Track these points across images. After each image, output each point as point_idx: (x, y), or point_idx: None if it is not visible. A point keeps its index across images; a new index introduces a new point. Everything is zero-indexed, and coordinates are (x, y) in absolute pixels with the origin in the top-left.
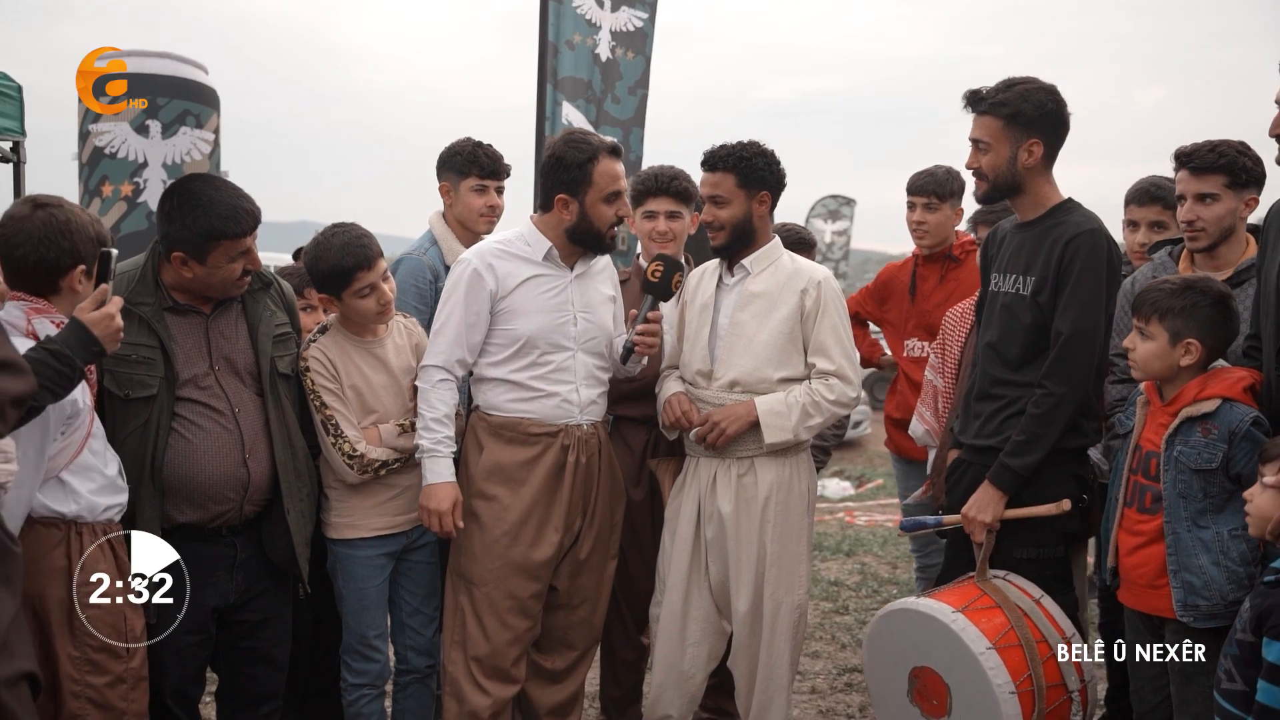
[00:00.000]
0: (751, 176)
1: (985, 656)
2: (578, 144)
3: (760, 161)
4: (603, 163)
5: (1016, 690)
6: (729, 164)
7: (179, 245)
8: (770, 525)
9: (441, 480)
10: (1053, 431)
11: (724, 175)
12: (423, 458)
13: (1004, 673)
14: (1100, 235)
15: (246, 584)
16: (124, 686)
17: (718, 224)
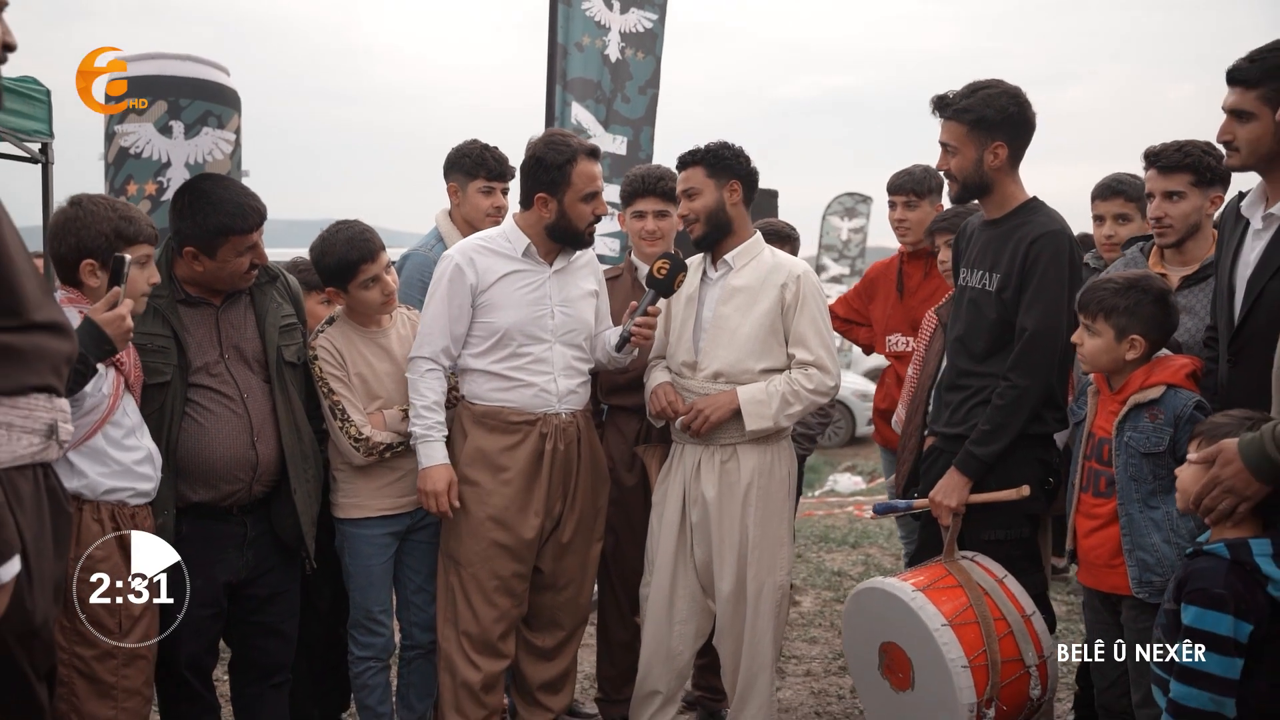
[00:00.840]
0: (719, 167)
1: (940, 633)
2: (557, 146)
3: (726, 153)
4: (581, 164)
5: (970, 664)
6: (697, 158)
7: (190, 241)
8: (752, 509)
9: (435, 463)
10: (1016, 422)
11: (694, 169)
12: (416, 444)
13: (957, 648)
14: (1062, 236)
15: (256, 560)
16: (114, 662)
17: (693, 216)
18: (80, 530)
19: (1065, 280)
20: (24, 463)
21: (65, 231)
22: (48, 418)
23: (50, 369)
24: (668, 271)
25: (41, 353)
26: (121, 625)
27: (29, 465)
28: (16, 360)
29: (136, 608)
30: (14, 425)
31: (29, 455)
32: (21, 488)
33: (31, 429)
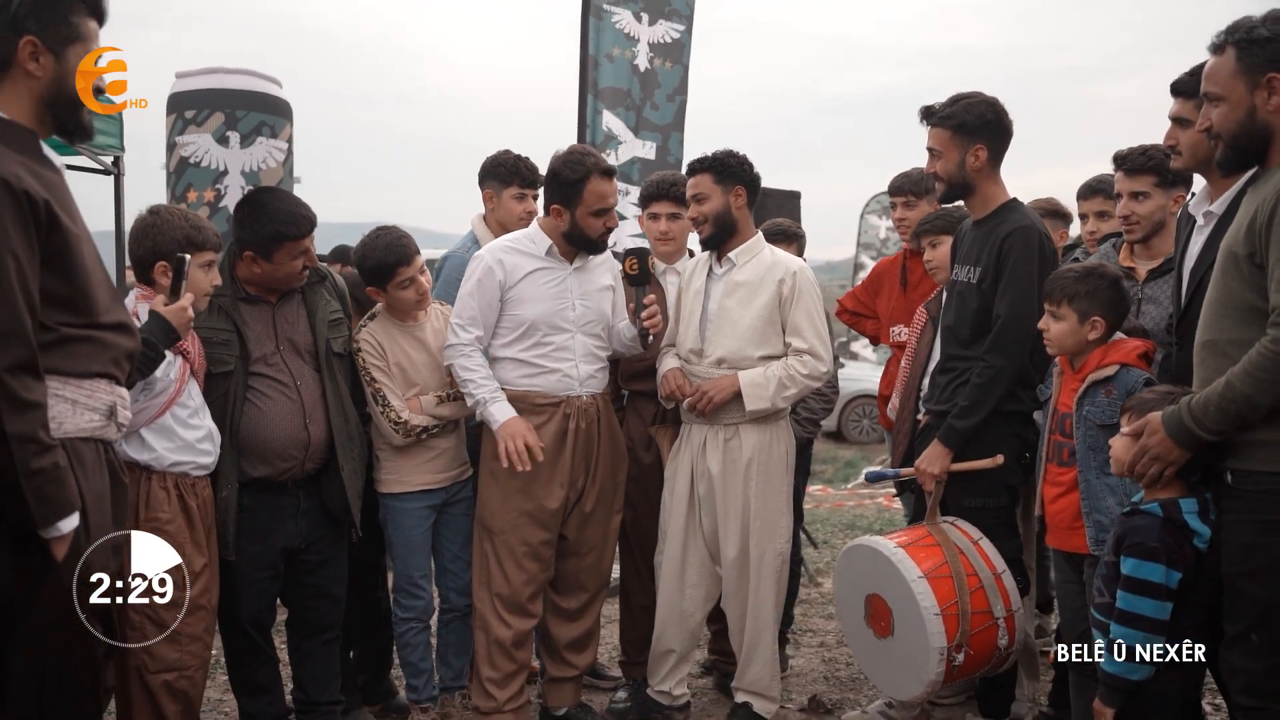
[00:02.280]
0: (725, 173)
1: (916, 584)
2: (574, 164)
3: (732, 161)
4: (593, 183)
5: (942, 613)
6: (705, 165)
7: (250, 246)
8: (753, 482)
9: (510, 416)
10: (991, 398)
11: (702, 175)
12: (485, 408)
13: (931, 597)
14: (1032, 231)
15: (309, 529)
16: (178, 610)
17: (701, 218)
18: (149, 496)
19: (1035, 271)
20: (86, 435)
21: (143, 236)
22: (108, 399)
23: (112, 360)
24: (639, 265)
25: (106, 346)
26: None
27: (91, 439)
28: (84, 350)
29: (197, 563)
30: (79, 402)
31: (90, 430)
32: (84, 455)
33: (93, 407)
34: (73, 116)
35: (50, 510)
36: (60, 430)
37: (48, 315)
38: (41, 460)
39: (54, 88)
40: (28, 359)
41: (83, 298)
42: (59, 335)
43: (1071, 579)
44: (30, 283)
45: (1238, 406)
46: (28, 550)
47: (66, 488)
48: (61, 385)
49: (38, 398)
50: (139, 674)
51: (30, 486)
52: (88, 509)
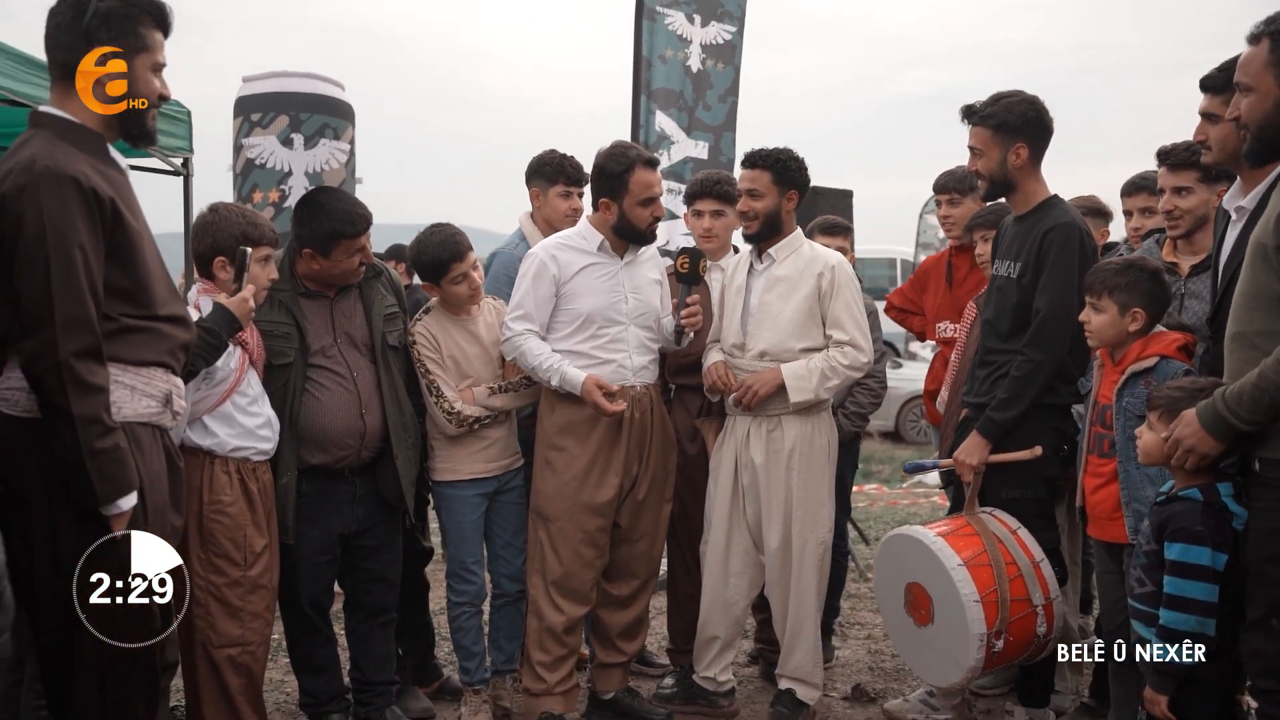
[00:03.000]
0: (785, 176)
1: (956, 571)
2: (618, 156)
3: (793, 164)
4: (638, 173)
5: (982, 600)
6: (767, 163)
7: (308, 244)
8: (795, 473)
9: (580, 378)
10: (1030, 391)
11: (761, 173)
12: (557, 375)
13: (970, 584)
14: (1073, 227)
15: (365, 515)
16: (240, 589)
17: (752, 214)
18: (212, 480)
19: (1075, 266)
20: (143, 420)
21: (203, 233)
22: (165, 387)
23: (168, 350)
24: (689, 264)
25: (163, 337)
26: (246, 559)
27: (148, 424)
28: (143, 340)
29: (257, 544)
30: (137, 388)
31: (148, 415)
32: (142, 439)
33: (150, 394)
34: (139, 122)
35: (111, 488)
36: (120, 414)
37: (110, 306)
38: (104, 441)
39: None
40: (93, 345)
41: (142, 290)
42: (120, 325)
43: (1111, 569)
44: (96, 275)
45: (1271, 396)
46: (89, 526)
47: (126, 467)
48: (121, 372)
49: (101, 382)
50: (204, 649)
51: (93, 465)
52: (145, 489)
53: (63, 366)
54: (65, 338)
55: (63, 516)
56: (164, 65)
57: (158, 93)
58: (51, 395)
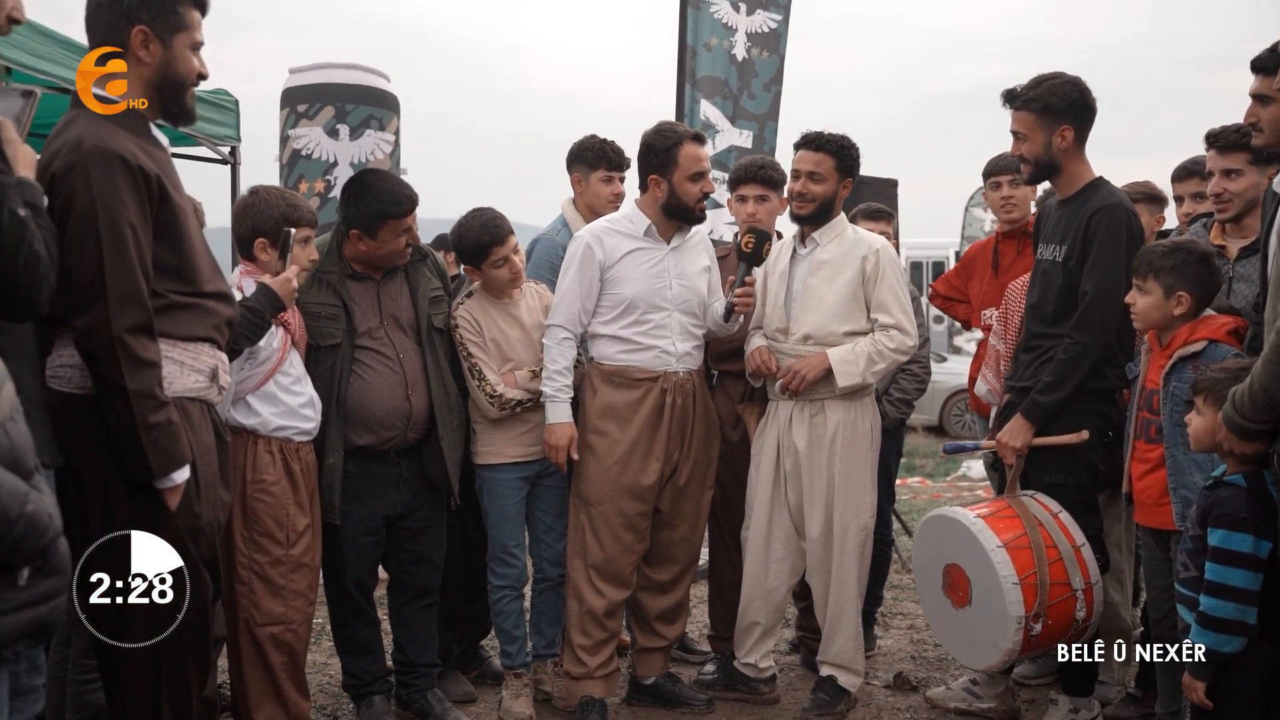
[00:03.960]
0: (847, 163)
1: (995, 553)
2: (664, 133)
3: (855, 153)
4: (686, 147)
5: (1020, 582)
6: (832, 148)
7: (355, 225)
8: (838, 458)
9: (560, 420)
10: (1076, 375)
11: (826, 157)
12: (545, 402)
13: (1010, 566)
14: (1120, 209)
15: (410, 497)
16: (283, 568)
17: (810, 196)
18: (255, 459)
19: (1122, 248)
20: (192, 395)
21: (243, 215)
22: (211, 362)
23: (214, 326)
24: (754, 243)
25: (208, 312)
26: (289, 538)
27: (196, 399)
28: (189, 316)
29: (300, 523)
30: (185, 364)
31: (196, 390)
32: (192, 413)
33: (198, 369)
34: (178, 99)
35: (166, 461)
36: (170, 389)
37: (158, 283)
38: (158, 415)
39: (161, 72)
40: (145, 321)
41: (189, 267)
42: (168, 301)
43: (1159, 556)
44: (145, 251)
45: (1262, 398)
46: (143, 500)
47: (180, 441)
48: (170, 348)
49: (154, 357)
50: (247, 626)
51: (149, 439)
52: (197, 462)
53: (117, 342)
54: (119, 313)
55: (117, 490)
56: (202, 44)
57: (196, 71)
58: (106, 370)
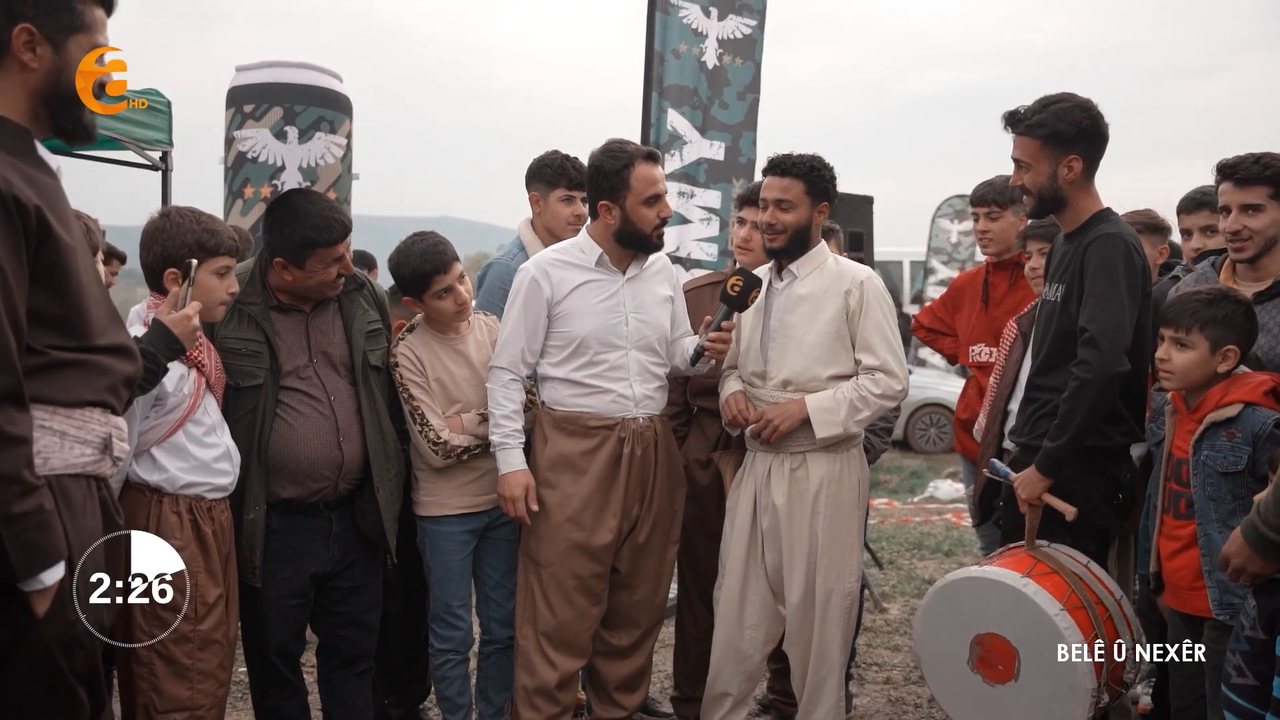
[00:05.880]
0: (818, 187)
1: (1060, 618)
2: (614, 153)
3: (827, 174)
4: (639, 168)
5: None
6: (800, 172)
7: (280, 252)
8: (821, 516)
9: (513, 469)
10: (1080, 414)
11: (794, 181)
12: (495, 451)
13: (1077, 632)
14: (1118, 238)
15: (341, 554)
16: (189, 645)
17: (780, 226)
18: (159, 521)
19: (1120, 280)
20: (76, 471)
21: (152, 241)
22: (102, 431)
23: (108, 387)
24: (741, 288)
25: (101, 371)
26: (197, 611)
27: (82, 475)
28: (76, 376)
29: (211, 594)
30: (68, 434)
31: (81, 465)
32: (73, 495)
33: (85, 440)
34: (72, 115)
35: (34, 559)
36: (47, 466)
37: (36, 337)
38: (24, 503)
39: (52, 82)
40: (12, 388)
41: (76, 317)
42: (48, 360)
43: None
44: (17, 300)
45: None
46: (5, 605)
47: (52, 534)
48: (49, 416)
49: (22, 432)
50: (146, 713)
51: (10, 533)
52: (75, 556)
53: None
54: None
55: None
56: (106, 47)
57: None
58: None
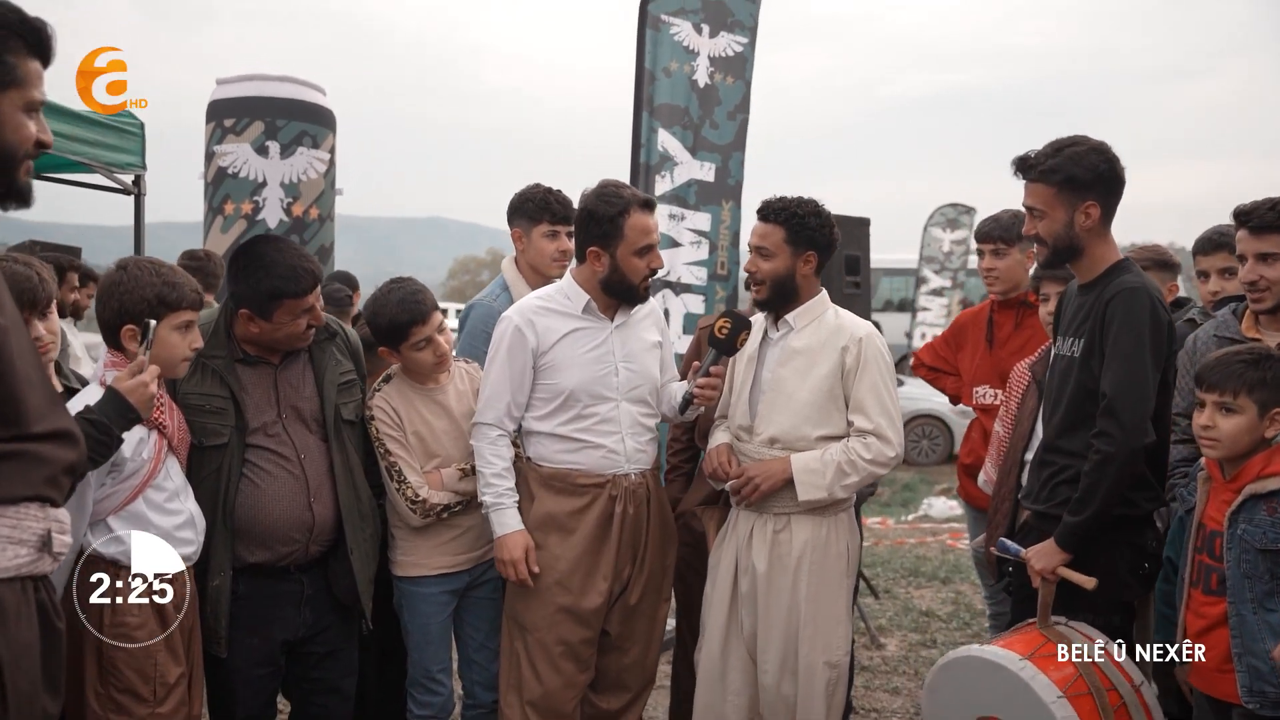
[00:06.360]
0: (800, 235)
1: (1057, 705)
2: (609, 198)
3: (813, 221)
4: (634, 216)
5: None
6: (780, 218)
7: (245, 303)
8: (804, 584)
9: (510, 530)
10: (1103, 488)
11: (773, 228)
12: (489, 513)
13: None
14: (1140, 293)
15: (314, 618)
16: None
17: (759, 276)
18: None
19: (1144, 338)
20: (10, 575)
21: (109, 296)
22: (39, 528)
23: (46, 479)
24: (729, 331)
25: (39, 462)
26: (156, 693)
27: (16, 579)
28: (10, 470)
29: (172, 674)
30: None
31: (15, 568)
32: (6, 602)
33: (20, 539)
34: (5, 176)
35: None
36: None
37: None
38: None
39: None
40: None
41: (10, 404)
42: None
43: None
44: None
45: None
46: None
47: None
48: None
49: None
50: None
51: None
52: (5, 671)
53: None
54: None
55: None
56: (41, 103)
57: (31, 139)
58: None
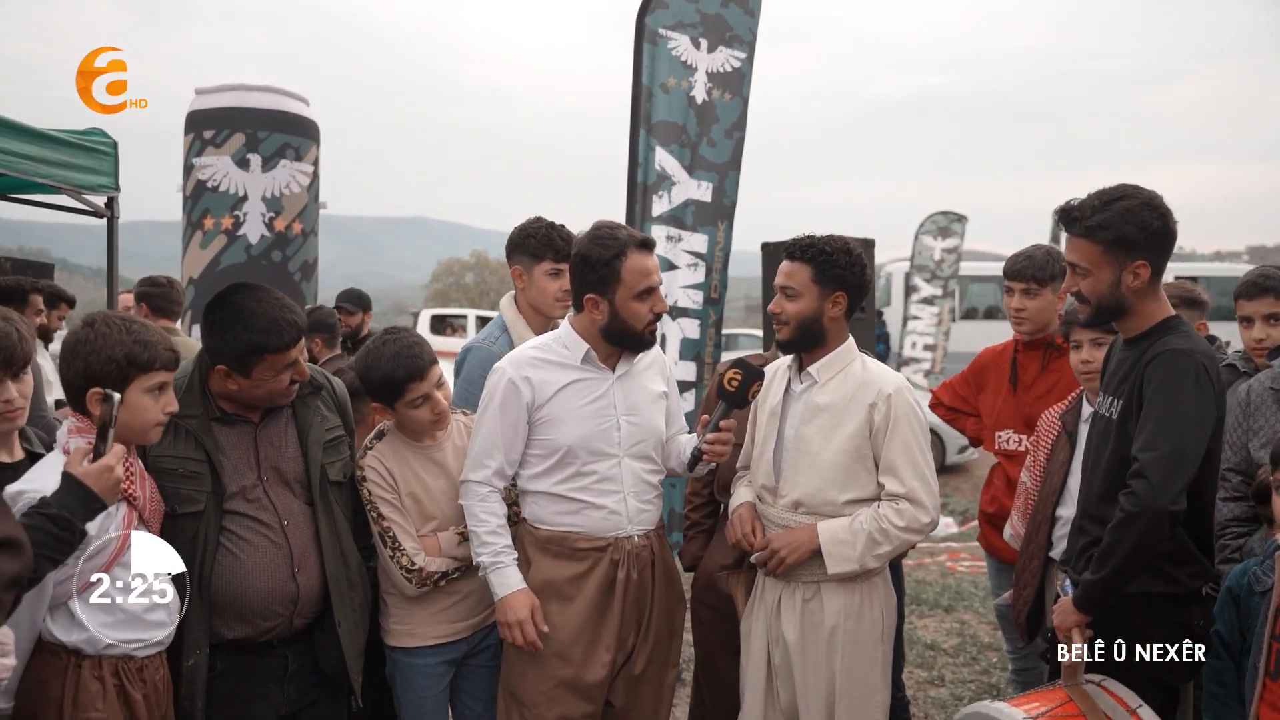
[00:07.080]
0: (828, 274)
1: None
2: (603, 240)
3: (842, 259)
4: (631, 258)
5: None
6: (807, 256)
7: (222, 359)
8: (839, 655)
9: (512, 590)
10: (1123, 551)
11: (800, 266)
12: (486, 574)
13: None
14: (1184, 355)
15: (299, 694)
16: None
17: (784, 318)
18: (77, 690)
19: (1187, 399)
20: None
21: (74, 355)
22: None
23: None
24: (740, 383)
25: None
26: None
27: None
28: None
29: None
30: None
31: None
32: None
33: None
34: None
35: None
36: None
37: None
38: None
39: None
40: None
41: None
42: None
43: None
44: None
45: None
46: None
47: None
48: None
49: None
50: None
51: None
52: None
53: None
54: None
55: None
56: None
57: None
58: None
